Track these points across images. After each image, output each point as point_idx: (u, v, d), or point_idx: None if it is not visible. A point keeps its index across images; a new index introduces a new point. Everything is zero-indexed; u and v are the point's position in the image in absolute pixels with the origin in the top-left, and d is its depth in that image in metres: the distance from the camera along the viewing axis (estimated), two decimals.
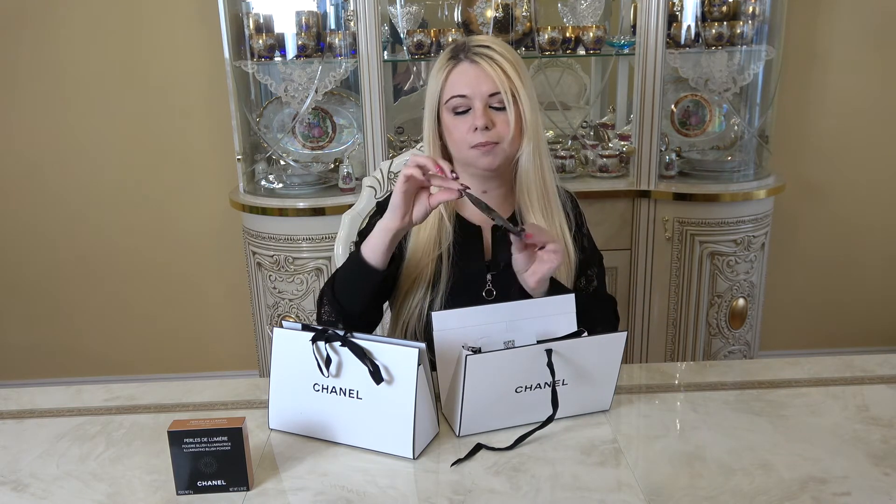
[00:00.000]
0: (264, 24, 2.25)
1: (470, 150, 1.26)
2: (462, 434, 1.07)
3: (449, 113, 1.28)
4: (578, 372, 1.08)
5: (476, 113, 1.25)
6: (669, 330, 2.37)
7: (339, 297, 1.25)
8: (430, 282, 1.30)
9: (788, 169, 2.60)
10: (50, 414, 1.20)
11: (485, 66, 1.24)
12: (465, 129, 1.26)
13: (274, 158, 2.50)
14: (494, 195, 1.35)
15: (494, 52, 1.25)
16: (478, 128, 1.24)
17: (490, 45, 1.26)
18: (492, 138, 1.25)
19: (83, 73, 2.61)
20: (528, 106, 1.26)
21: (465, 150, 1.27)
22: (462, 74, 1.26)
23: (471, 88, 1.25)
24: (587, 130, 2.57)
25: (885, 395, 1.19)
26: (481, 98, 1.25)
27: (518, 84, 1.25)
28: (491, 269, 1.33)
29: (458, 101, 1.26)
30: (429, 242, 1.31)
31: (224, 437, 0.94)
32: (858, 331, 2.93)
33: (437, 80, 1.28)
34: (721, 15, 2.27)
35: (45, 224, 2.75)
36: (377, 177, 1.59)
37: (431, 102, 1.30)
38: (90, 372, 2.89)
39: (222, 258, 2.77)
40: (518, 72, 1.25)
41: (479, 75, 1.25)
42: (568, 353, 1.06)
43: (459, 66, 1.27)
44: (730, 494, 0.93)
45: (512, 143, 1.27)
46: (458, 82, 1.26)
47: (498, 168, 1.29)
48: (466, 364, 1.00)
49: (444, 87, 1.28)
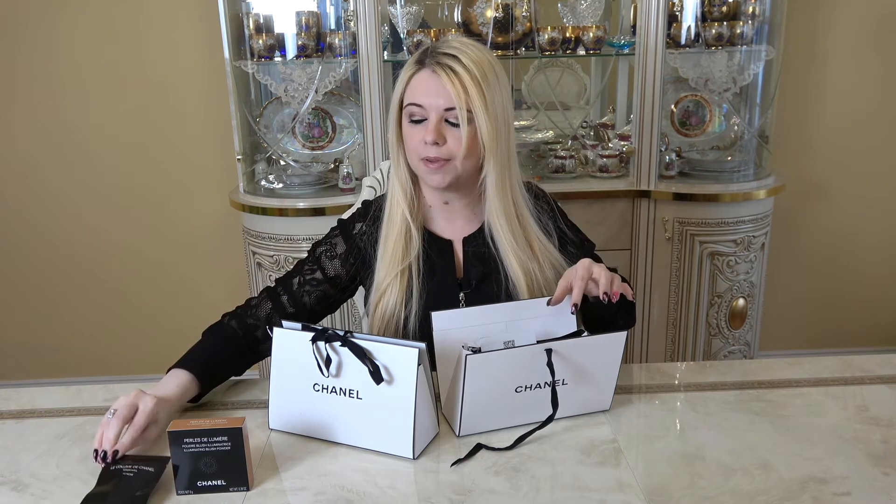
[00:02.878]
0: (264, 24, 2.25)
1: (420, 161, 1.22)
2: (462, 434, 1.07)
3: (406, 118, 1.23)
4: (578, 372, 1.08)
5: (428, 126, 1.19)
6: (669, 330, 2.37)
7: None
8: (403, 297, 1.26)
9: (788, 169, 2.60)
10: (50, 414, 1.20)
11: (444, 78, 1.17)
12: (418, 139, 1.21)
13: (274, 158, 2.50)
14: (457, 206, 1.30)
15: (458, 64, 1.18)
16: (426, 141, 1.19)
17: (457, 55, 1.18)
18: (442, 154, 1.20)
19: (83, 73, 2.61)
20: (486, 124, 1.18)
21: (416, 161, 1.23)
22: (422, 83, 1.21)
23: (428, 99, 1.19)
24: (587, 130, 2.57)
25: (885, 395, 1.19)
26: (437, 111, 1.19)
27: (477, 101, 1.17)
28: (463, 287, 1.30)
29: (415, 110, 1.21)
30: (395, 254, 1.26)
31: (224, 437, 0.94)
32: (858, 331, 2.93)
33: (401, 81, 1.23)
34: (721, 15, 2.27)
35: (45, 224, 2.75)
36: (377, 177, 1.59)
37: (394, 103, 1.25)
38: (90, 372, 2.89)
39: (222, 258, 2.77)
40: (480, 86, 1.17)
41: (437, 87, 1.19)
42: (568, 352, 1.06)
43: (421, 73, 1.21)
44: (730, 494, 0.93)
45: (466, 161, 1.21)
46: (418, 90, 1.21)
47: (450, 185, 1.24)
48: (466, 364, 1.00)
49: (406, 92, 1.23)
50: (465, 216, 1.32)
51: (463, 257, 1.31)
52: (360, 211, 1.39)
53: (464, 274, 1.30)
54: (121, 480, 0.96)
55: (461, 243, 1.31)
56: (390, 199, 1.30)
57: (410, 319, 1.26)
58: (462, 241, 1.31)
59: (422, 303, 1.25)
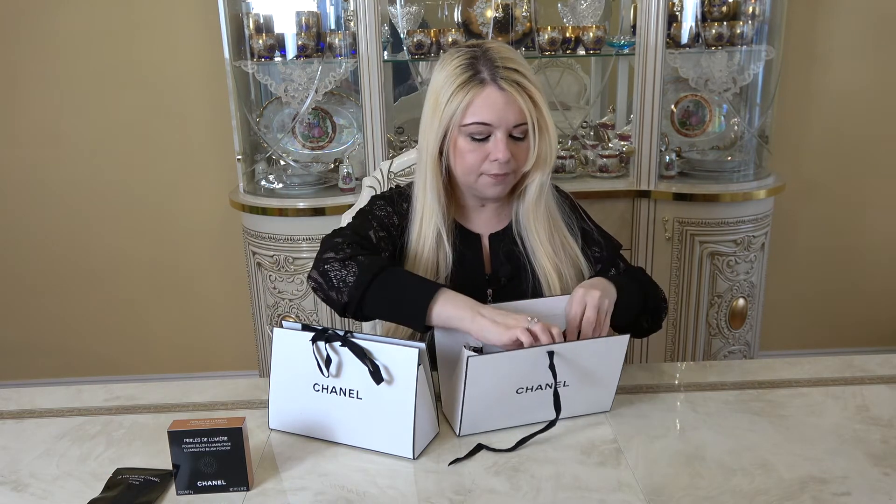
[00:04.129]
0: (264, 24, 2.25)
1: (481, 176, 1.21)
2: (462, 434, 1.07)
3: (464, 137, 1.19)
4: (580, 374, 1.08)
5: (498, 145, 1.17)
6: (669, 330, 2.37)
7: (371, 293, 1.11)
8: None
9: (788, 169, 2.60)
10: (50, 414, 1.20)
11: (514, 94, 1.16)
12: (481, 157, 1.19)
13: (274, 158, 2.50)
14: (492, 206, 1.32)
15: (522, 77, 1.17)
16: (498, 160, 1.17)
17: (517, 68, 1.17)
18: (508, 171, 1.20)
19: (83, 73, 2.61)
20: (552, 136, 1.19)
21: (475, 177, 1.22)
22: (488, 101, 1.16)
23: (497, 118, 1.16)
24: (587, 130, 2.57)
25: (885, 395, 1.19)
26: (505, 127, 1.17)
27: (545, 113, 1.18)
28: (491, 283, 1.30)
29: (479, 129, 1.18)
30: (427, 267, 1.25)
31: (224, 437, 0.94)
32: (858, 331, 2.93)
33: (457, 100, 1.17)
34: (721, 15, 2.27)
35: (45, 224, 2.75)
36: (377, 177, 1.59)
37: (444, 121, 1.19)
38: (90, 372, 2.89)
39: (222, 258, 2.77)
40: (543, 97, 1.18)
41: (507, 103, 1.16)
42: (570, 355, 1.06)
43: (486, 91, 1.16)
44: (730, 494, 0.93)
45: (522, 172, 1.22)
46: (483, 109, 1.16)
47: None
48: (468, 365, 1.00)
49: (467, 112, 1.17)
50: (493, 212, 1.32)
51: (490, 253, 1.31)
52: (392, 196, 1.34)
53: (492, 270, 1.31)
54: (127, 488, 0.96)
55: (487, 239, 1.32)
56: (420, 216, 1.26)
57: None
58: (489, 236, 1.32)
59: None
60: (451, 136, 1.21)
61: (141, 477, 0.99)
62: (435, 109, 1.21)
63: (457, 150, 1.21)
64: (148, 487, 0.97)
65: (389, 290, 1.12)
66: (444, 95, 1.19)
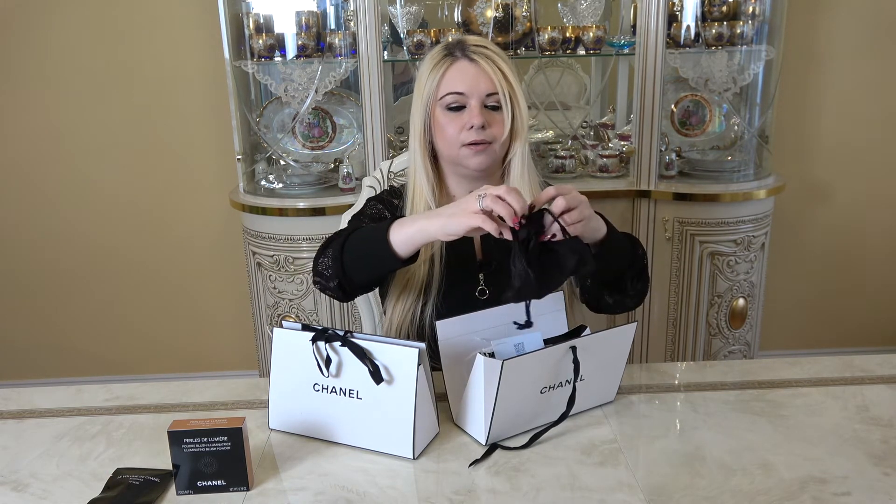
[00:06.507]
0: (264, 24, 2.25)
1: (461, 148, 1.26)
2: (489, 442, 1.06)
3: (442, 109, 1.27)
4: (596, 366, 1.10)
5: (472, 111, 1.25)
6: (669, 330, 2.37)
7: (346, 261, 1.18)
8: (422, 285, 1.29)
9: (788, 169, 2.60)
10: (50, 414, 1.20)
11: (483, 65, 1.25)
12: (458, 127, 1.26)
13: (274, 158, 2.50)
14: None
15: (493, 54, 1.26)
16: (473, 126, 1.24)
17: (487, 46, 1.27)
18: (486, 138, 1.25)
19: (83, 73, 2.61)
20: (523, 108, 1.27)
21: (456, 149, 1.27)
22: (460, 72, 1.26)
23: (468, 86, 1.25)
24: (587, 130, 2.57)
25: (885, 395, 1.19)
26: (478, 97, 1.25)
27: (515, 85, 1.26)
28: (483, 268, 1.33)
29: (454, 98, 1.26)
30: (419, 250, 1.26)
31: (224, 437, 0.94)
32: (858, 331, 2.93)
33: (433, 76, 1.27)
34: (721, 15, 2.27)
35: (45, 224, 2.75)
36: (377, 177, 1.59)
37: (424, 99, 1.29)
38: (90, 372, 2.89)
39: (222, 258, 2.77)
40: (514, 72, 1.27)
41: (477, 74, 1.25)
42: (590, 347, 1.07)
43: (458, 64, 1.27)
44: (730, 494, 0.93)
45: (503, 145, 1.28)
46: (456, 79, 1.26)
47: (487, 168, 1.29)
48: (502, 370, 0.98)
49: (441, 84, 1.27)
50: None
51: (481, 239, 1.34)
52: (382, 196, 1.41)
53: (482, 255, 1.34)
54: (127, 488, 0.96)
55: None
56: (411, 195, 1.33)
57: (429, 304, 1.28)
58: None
59: (443, 287, 1.29)
60: (432, 113, 1.29)
61: (141, 477, 0.99)
62: (418, 93, 1.30)
63: (437, 125, 1.29)
64: (148, 487, 0.97)
65: (356, 249, 1.18)
66: (423, 77, 1.29)
